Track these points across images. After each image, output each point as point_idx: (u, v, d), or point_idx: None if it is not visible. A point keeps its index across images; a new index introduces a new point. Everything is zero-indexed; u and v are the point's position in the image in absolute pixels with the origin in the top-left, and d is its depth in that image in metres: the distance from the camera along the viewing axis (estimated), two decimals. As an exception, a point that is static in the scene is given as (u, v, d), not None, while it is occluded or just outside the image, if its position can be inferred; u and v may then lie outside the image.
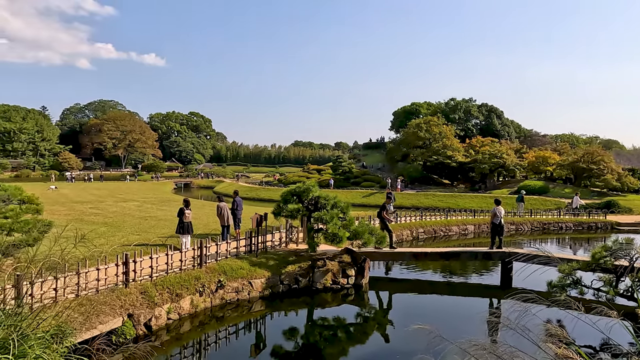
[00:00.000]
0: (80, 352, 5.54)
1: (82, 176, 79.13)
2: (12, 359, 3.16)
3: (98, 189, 49.35)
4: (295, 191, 13.54)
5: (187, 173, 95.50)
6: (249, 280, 11.87)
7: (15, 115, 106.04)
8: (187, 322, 10.13)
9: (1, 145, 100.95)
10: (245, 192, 47.96)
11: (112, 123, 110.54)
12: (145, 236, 15.87)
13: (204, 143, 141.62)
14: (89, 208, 26.53)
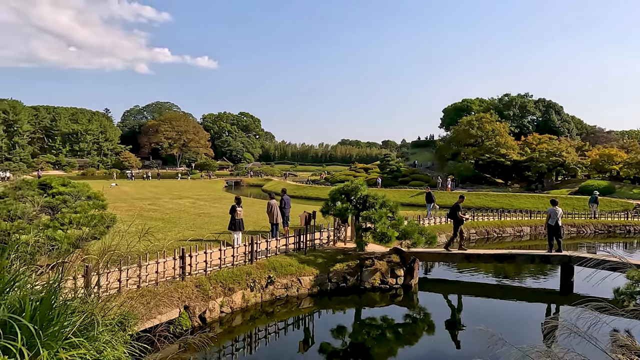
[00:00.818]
0: (143, 340, 5.88)
1: (141, 174, 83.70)
2: (86, 342, 3.42)
3: (155, 187, 51.98)
4: (344, 190, 13.55)
5: (237, 171, 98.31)
6: (298, 277, 12.04)
7: (82, 118, 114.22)
8: (238, 316, 10.45)
9: (70, 146, 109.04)
10: (292, 191, 48.65)
11: (168, 124, 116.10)
12: (200, 232, 16.52)
13: (253, 142, 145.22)
14: (148, 204, 28.01)
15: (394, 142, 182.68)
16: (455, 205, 15.03)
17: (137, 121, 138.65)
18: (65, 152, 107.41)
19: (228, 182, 76.42)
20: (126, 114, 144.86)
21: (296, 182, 68.04)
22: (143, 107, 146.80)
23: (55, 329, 3.34)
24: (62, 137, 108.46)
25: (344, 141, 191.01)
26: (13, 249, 4.35)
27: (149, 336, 6.46)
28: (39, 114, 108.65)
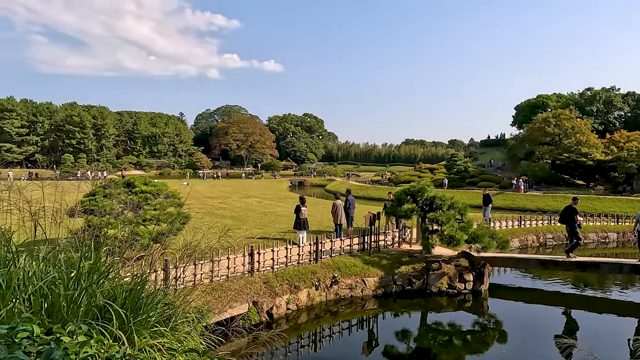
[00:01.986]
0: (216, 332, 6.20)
1: (212, 174, 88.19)
2: (169, 332, 3.68)
3: (225, 186, 54.48)
4: (409, 190, 13.28)
5: (301, 172, 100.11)
6: (362, 278, 12.00)
7: (160, 122, 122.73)
8: (304, 314, 10.64)
9: (149, 147, 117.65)
10: (355, 191, 48.54)
11: (236, 126, 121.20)
12: (266, 230, 17.06)
13: (317, 143, 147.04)
14: (218, 203, 29.44)
15: (462, 141, 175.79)
16: (569, 208, 13.43)
17: (209, 124, 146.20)
18: (145, 153, 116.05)
19: (292, 182, 78.06)
20: (198, 117, 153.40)
21: (359, 183, 67.84)
22: (214, 111, 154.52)
23: (142, 317, 3.62)
24: (142, 140, 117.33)
25: (408, 141, 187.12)
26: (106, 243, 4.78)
27: (222, 329, 6.79)
28: (123, 118, 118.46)
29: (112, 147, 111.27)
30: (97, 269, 3.73)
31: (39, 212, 4.67)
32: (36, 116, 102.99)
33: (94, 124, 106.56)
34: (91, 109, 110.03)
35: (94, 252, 4.06)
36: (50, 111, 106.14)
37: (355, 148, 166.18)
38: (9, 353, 1.41)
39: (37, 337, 1.60)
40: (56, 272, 3.62)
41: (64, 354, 1.33)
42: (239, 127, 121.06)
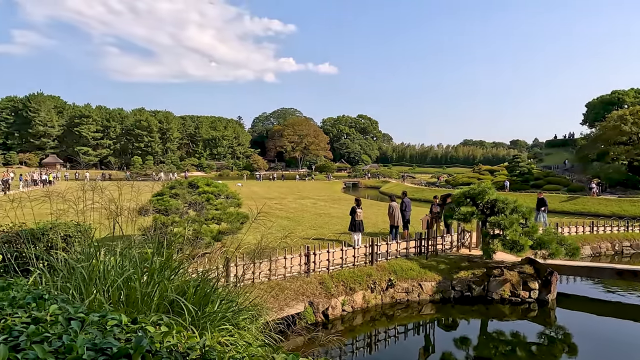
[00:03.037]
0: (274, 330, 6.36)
1: (268, 175, 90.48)
2: (233, 328, 3.84)
3: (280, 187, 55.67)
4: (469, 193, 12.82)
5: (355, 173, 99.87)
6: (419, 282, 11.76)
7: (219, 125, 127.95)
8: (359, 316, 10.62)
9: (209, 150, 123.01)
10: (411, 193, 47.54)
11: (291, 128, 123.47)
12: (321, 231, 17.21)
13: (371, 144, 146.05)
14: (274, 203, 30.15)
15: (525, 141, 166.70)
16: None
17: (265, 127, 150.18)
18: (205, 155, 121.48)
19: (346, 183, 78.12)
20: (255, 120, 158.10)
21: (414, 185, 66.45)
22: (270, 114, 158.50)
23: (209, 313, 3.81)
24: (203, 143, 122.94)
25: (466, 141, 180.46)
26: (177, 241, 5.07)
27: (280, 327, 6.97)
28: (186, 122, 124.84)
29: (176, 149, 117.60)
30: (169, 265, 3.98)
31: (117, 210, 5.06)
32: (109, 121, 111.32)
33: (160, 128, 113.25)
34: (157, 114, 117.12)
35: (166, 250, 4.34)
36: (121, 116, 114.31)
37: (410, 149, 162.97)
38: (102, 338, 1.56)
39: (125, 325, 1.76)
40: (132, 267, 3.91)
41: (150, 342, 1.45)
42: (294, 129, 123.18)
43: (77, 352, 1.42)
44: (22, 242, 5.29)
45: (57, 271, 4.18)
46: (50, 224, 6.10)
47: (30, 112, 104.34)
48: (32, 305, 2.08)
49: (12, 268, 4.88)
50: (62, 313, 1.90)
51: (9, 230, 5.74)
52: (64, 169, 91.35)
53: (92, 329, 1.69)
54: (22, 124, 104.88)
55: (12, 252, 5.20)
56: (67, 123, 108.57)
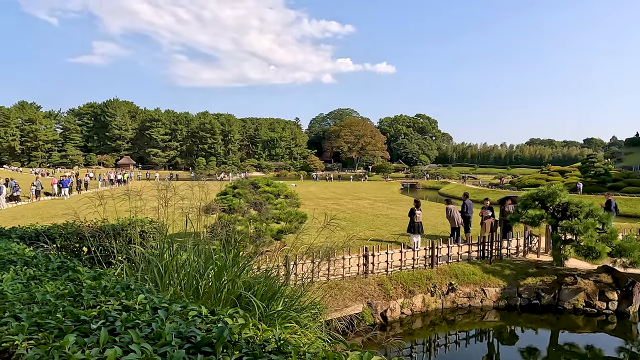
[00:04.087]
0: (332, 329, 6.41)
1: (324, 176, 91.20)
2: (295, 324, 3.94)
3: (336, 188, 55.88)
4: (538, 195, 12.10)
5: (413, 174, 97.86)
6: (482, 287, 11.29)
7: (278, 127, 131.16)
8: (418, 319, 10.41)
9: (268, 151, 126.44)
10: (472, 195, 45.63)
11: (347, 129, 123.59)
12: (379, 232, 17.06)
13: (429, 144, 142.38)
14: (331, 204, 30.34)
15: (600, 140, 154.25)
16: None
17: (322, 127, 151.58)
18: (264, 156, 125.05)
19: (404, 184, 76.77)
20: (312, 121, 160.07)
21: (476, 186, 63.82)
22: (327, 115, 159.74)
23: (274, 308, 3.94)
24: (262, 144, 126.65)
25: (532, 140, 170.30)
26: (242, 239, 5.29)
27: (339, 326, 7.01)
28: (246, 124, 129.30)
29: (237, 150, 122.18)
30: (237, 262, 4.16)
31: (189, 209, 5.37)
32: (176, 124, 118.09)
33: (222, 130, 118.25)
34: (220, 116, 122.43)
35: (233, 247, 4.54)
36: (187, 120, 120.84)
37: (472, 149, 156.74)
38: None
39: (204, 316, 1.88)
40: (203, 262, 4.15)
41: (229, 333, 1.54)
42: (350, 129, 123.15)
43: (165, 338, 1.55)
44: (105, 236, 5.78)
45: (135, 264, 4.53)
46: (129, 221, 6.61)
47: (107, 117, 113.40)
48: (121, 294, 2.28)
49: (97, 259, 5.35)
50: (148, 302, 2.07)
51: (94, 225, 6.29)
52: (136, 169, 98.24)
53: (176, 318, 1.82)
54: (100, 127, 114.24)
55: (96, 245, 5.70)
56: (140, 126, 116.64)
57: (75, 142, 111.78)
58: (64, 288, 2.49)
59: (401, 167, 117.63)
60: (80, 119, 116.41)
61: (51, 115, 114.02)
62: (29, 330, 1.77)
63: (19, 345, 1.63)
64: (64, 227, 6.38)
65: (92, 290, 2.36)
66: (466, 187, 57.27)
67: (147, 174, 79.68)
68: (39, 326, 1.81)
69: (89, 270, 3.09)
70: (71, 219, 6.71)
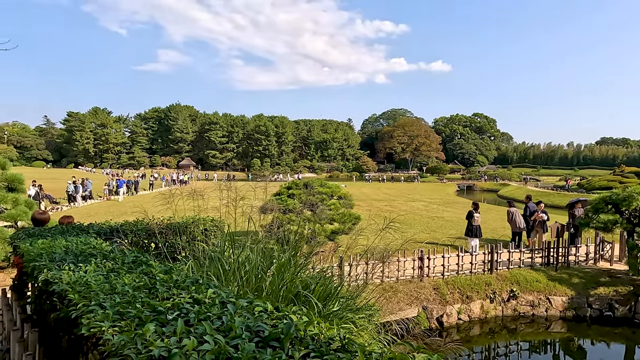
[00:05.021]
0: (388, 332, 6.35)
1: (377, 177, 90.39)
2: (351, 325, 3.96)
3: (389, 189, 55.21)
4: (611, 199, 11.22)
5: (470, 175, 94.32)
6: (547, 295, 10.66)
7: (330, 128, 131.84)
8: (476, 326, 10.03)
9: (320, 152, 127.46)
10: (535, 198, 43.17)
11: (401, 129, 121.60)
12: (434, 235, 16.65)
13: (487, 144, 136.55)
14: (384, 205, 30.02)
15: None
16: None
17: (374, 128, 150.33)
18: (317, 157, 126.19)
19: (460, 186, 74.24)
20: (365, 122, 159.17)
21: (539, 188, 60.30)
22: (379, 115, 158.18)
23: (331, 308, 3.98)
24: (315, 145, 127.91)
25: (603, 139, 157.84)
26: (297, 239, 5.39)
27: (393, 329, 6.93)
28: (299, 126, 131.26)
29: (290, 152, 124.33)
30: (295, 261, 4.26)
31: (248, 208, 5.57)
32: (233, 127, 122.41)
33: (276, 132, 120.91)
34: (274, 119, 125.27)
35: (292, 247, 4.64)
36: (243, 122, 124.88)
37: (534, 149, 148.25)
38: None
39: (270, 312, 1.95)
40: (263, 261, 4.29)
41: (296, 330, 1.59)
42: (404, 130, 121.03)
43: (235, 331, 1.63)
44: (171, 233, 6.13)
45: (199, 260, 4.76)
46: (192, 219, 6.96)
47: (170, 121, 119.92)
48: (191, 288, 2.42)
49: (164, 255, 5.69)
50: (217, 297, 2.18)
51: (160, 223, 6.69)
52: (196, 170, 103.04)
53: (243, 312, 1.91)
54: (164, 131, 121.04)
55: (163, 241, 6.06)
56: (199, 129, 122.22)
57: (142, 144, 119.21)
58: (139, 281, 2.69)
59: (457, 168, 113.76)
60: (146, 123, 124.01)
61: (120, 119, 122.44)
62: (113, 318, 1.93)
63: (106, 331, 1.78)
64: (134, 224, 6.85)
65: (165, 284, 2.53)
66: (528, 190, 54.27)
67: (206, 175, 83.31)
68: (121, 315, 1.97)
69: (160, 264, 3.30)
70: (140, 216, 7.19)
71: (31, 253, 4.14)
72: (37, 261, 3.63)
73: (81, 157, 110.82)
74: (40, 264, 3.50)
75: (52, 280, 2.89)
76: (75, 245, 4.38)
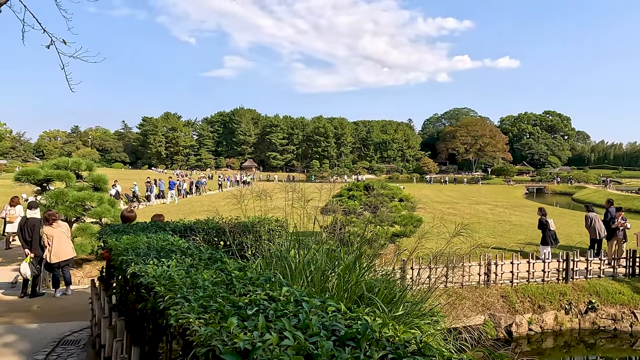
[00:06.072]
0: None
1: (438, 179, 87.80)
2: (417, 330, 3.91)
3: (452, 191, 53.38)
4: None
5: (540, 177, 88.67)
6: (632, 309, 9.76)
7: (390, 129, 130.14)
8: (549, 338, 9.43)
9: (379, 153, 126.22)
10: (617, 202, 39.67)
11: (464, 129, 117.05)
12: (501, 240, 15.86)
13: (560, 144, 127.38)
14: (447, 208, 29.09)
15: None
16: None
17: (436, 128, 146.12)
18: (376, 158, 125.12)
19: (529, 188, 70.03)
20: (426, 122, 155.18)
21: (621, 192, 55.27)
22: (441, 115, 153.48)
23: (396, 311, 3.96)
24: (374, 146, 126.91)
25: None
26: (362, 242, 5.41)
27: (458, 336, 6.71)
28: (358, 127, 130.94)
29: (349, 153, 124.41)
30: (361, 263, 4.29)
31: (313, 209, 5.68)
32: (293, 129, 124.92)
33: (335, 134, 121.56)
34: (333, 120, 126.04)
35: (357, 249, 4.68)
36: (303, 124, 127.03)
37: (615, 149, 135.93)
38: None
39: (343, 312, 1.99)
40: (328, 261, 4.36)
41: (371, 331, 1.62)
42: (467, 130, 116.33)
43: (312, 329, 1.69)
44: (239, 232, 6.41)
45: (266, 258, 4.94)
46: (258, 219, 7.22)
47: (234, 124, 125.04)
48: (265, 285, 2.53)
49: (232, 253, 5.97)
50: (291, 294, 2.26)
51: (229, 222, 7.02)
52: (257, 171, 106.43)
53: (317, 311, 1.97)
54: (228, 134, 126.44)
55: (231, 240, 6.35)
56: (261, 132, 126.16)
57: (208, 147, 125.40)
58: (216, 276, 2.86)
59: (525, 170, 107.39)
60: (212, 126, 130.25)
61: (189, 123, 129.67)
62: (197, 310, 2.08)
63: (192, 323, 1.93)
64: (205, 223, 7.24)
65: (240, 280, 2.67)
66: (608, 193, 49.93)
67: (267, 176, 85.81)
68: (205, 308, 2.11)
69: (234, 262, 3.48)
70: (208, 215, 7.60)
71: (118, 247, 4.54)
72: (124, 255, 3.98)
73: (154, 159, 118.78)
74: (127, 257, 3.82)
75: (139, 273, 3.16)
76: (155, 241, 4.73)
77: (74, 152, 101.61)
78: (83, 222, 12.21)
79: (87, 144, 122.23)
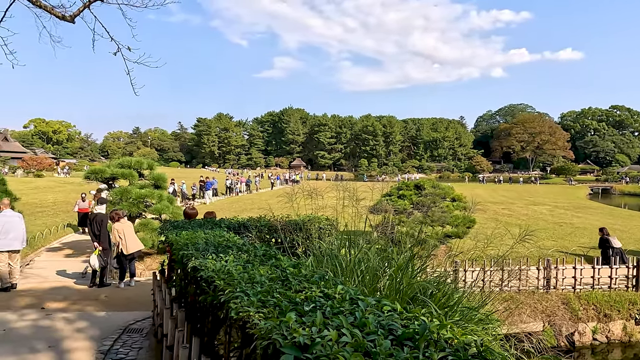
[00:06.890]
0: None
1: (492, 178, 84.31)
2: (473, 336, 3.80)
3: (507, 191, 51.06)
4: None
5: (606, 177, 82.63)
6: None
7: (440, 126, 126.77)
8: (617, 350, 8.81)
9: (429, 152, 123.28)
10: (696, 204, 36.16)
11: (520, 126, 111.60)
12: (562, 243, 15.01)
13: (630, 141, 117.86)
14: (501, 209, 27.90)
15: None
16: None
17: (489, 126, 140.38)
18: (426, 157, 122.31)
19: (593, 188, 65.49)
20: (479, 119, 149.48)
21: (701, 193, 50.26)
22: (495, 112, 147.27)
23: (451, 315, 3.87)
24: (424, 145, 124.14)
25: None
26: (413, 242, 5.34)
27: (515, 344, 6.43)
28: (407, 125, 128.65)
29: (397, 152, 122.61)
30: (413, 263, 4.24)
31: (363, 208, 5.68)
32: (341, 128, 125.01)
33: (384, 132, 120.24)
34: (382, 119, 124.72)
35: (410, 249, 4.63)
36: (351, 123, 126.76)
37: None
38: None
39: (399, 312, 1.99)
40: (379, 261, 4.34)
41: (429, 332, 1.61)
42: (524, 127, 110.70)
43: (369, 327, 1.70)
44: (290, 230, 6.54)
45: (317, 256, 5.00)
46: (308, 217, 7.32)
47: (283, 124, 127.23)
48: (320, 282, 2.58)
49: (283, 250, 6.10)
50: (346, 293, 2.29)
51: (281, 220, 7.18)
52: (306, 170, 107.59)
53: (373, 310, 1.98)
54: (277, 133, 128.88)
55: (283, 237, 6.49)
56: (309, 131, 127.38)
57: (258, 146, 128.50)
58: (272, 272, 2.94)
59: (590, 169, 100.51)
60: (262, 126, 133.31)
61: (240, 124, 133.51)
62: (257, 305, 2.16)
63: (252, 316, 2.01)
64: (257, 220, 7.45)
65: (295, 277, 2.73)
66: (686, 194, 45.58)
67: (316, 175, 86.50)
68: (263, 302, 2.19)
69: (287, 259, 3.56)
70: (260, 212, 7.81)
71: (179, 243, 4.79)
72: (184, 250, 4.19)
73: (208, 158, 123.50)
74: (187, 252, 4.03)
75: (200, 267, 3.32)
76: (212, 237, 4.94)
77: (135, 152, 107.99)
78: (144, 218, 12.96)
79: (147, 144, 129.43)
